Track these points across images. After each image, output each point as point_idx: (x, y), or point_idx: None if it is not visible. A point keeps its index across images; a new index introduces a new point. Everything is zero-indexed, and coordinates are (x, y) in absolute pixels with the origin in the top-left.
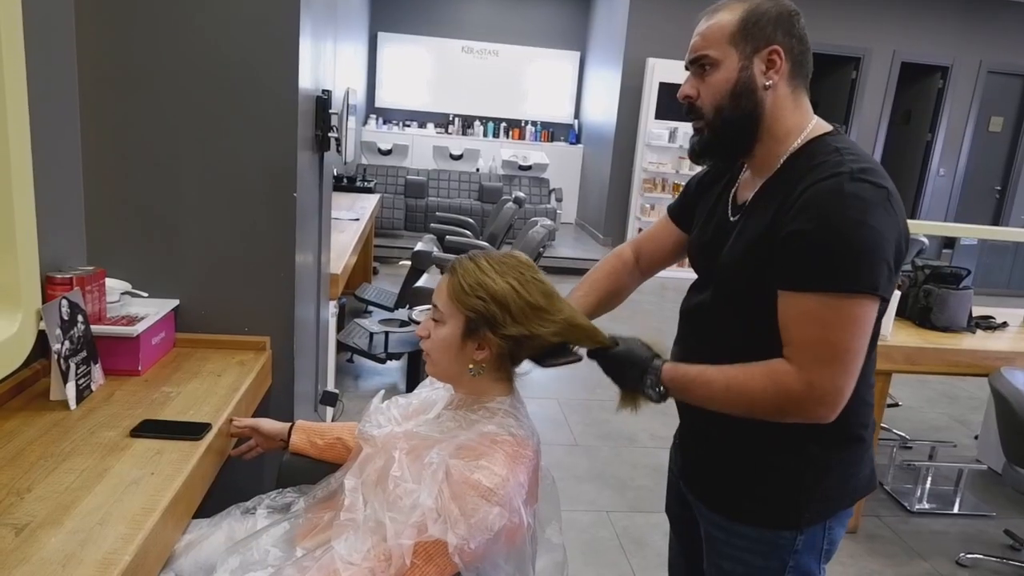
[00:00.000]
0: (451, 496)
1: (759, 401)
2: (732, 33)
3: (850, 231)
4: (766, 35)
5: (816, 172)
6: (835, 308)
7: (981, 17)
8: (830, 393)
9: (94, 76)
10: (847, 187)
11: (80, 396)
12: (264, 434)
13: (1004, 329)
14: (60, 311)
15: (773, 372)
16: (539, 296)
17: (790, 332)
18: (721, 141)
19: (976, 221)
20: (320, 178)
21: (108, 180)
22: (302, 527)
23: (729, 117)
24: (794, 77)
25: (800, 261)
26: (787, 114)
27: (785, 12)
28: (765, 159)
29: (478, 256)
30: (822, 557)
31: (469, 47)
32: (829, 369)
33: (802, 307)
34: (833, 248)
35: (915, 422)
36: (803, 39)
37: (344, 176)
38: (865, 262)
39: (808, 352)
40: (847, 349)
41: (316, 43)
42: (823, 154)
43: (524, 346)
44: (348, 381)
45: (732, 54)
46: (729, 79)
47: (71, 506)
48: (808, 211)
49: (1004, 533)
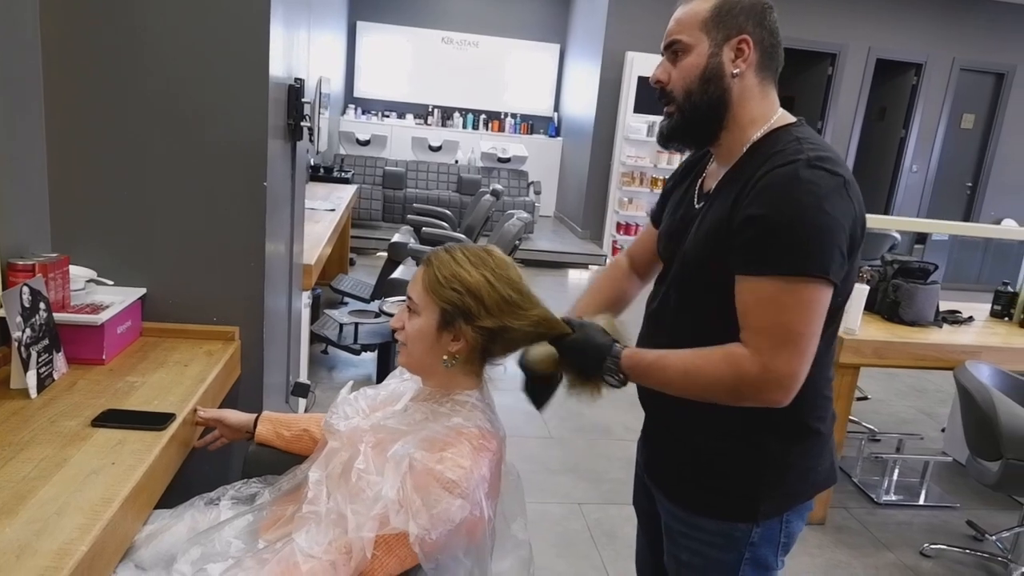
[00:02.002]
0: (414, 487)
1: (716, 385)
2: (705, 20)
3: (804, 216)
4: (737, 24)
5: (774, 159)
6: (788, 291)
7: (954, 15)
8: (786, 376)
9: (59, 60)
10: (802, 173)
11: (41, 385)
12: (229, 425)
13: (970, 323)
14: (21, 298)
15: (730, 356)
16: (512, 290)
17: (746, 316)
18: (688, 125)
19: (948, 217)
20: (292, 167)
21: (73, 165)
22: (266, 519)
23: (697, 101)
24: (763, 68)
25: (755, 246)
26: (753, 104)
27: (758, 4)
28: (730, 148)
29: (454, 248)
30: (780, 550)
31: (449, 38)
32: (784, 352)
33: (757, 291)
34: (787, 232)
35: (884, 415)
36: (774, 32)
37: (321, 166)
38: (817, 246)
39: (763, 336)
40: (800, 333)
41: (288, 31)
42: (783, 143)
43: (498, 340)
44: (322, 372)
45: (703, 40)
46: (699, 64)
47: (27, 496)
48: (763, 196)
49: (967, 524)
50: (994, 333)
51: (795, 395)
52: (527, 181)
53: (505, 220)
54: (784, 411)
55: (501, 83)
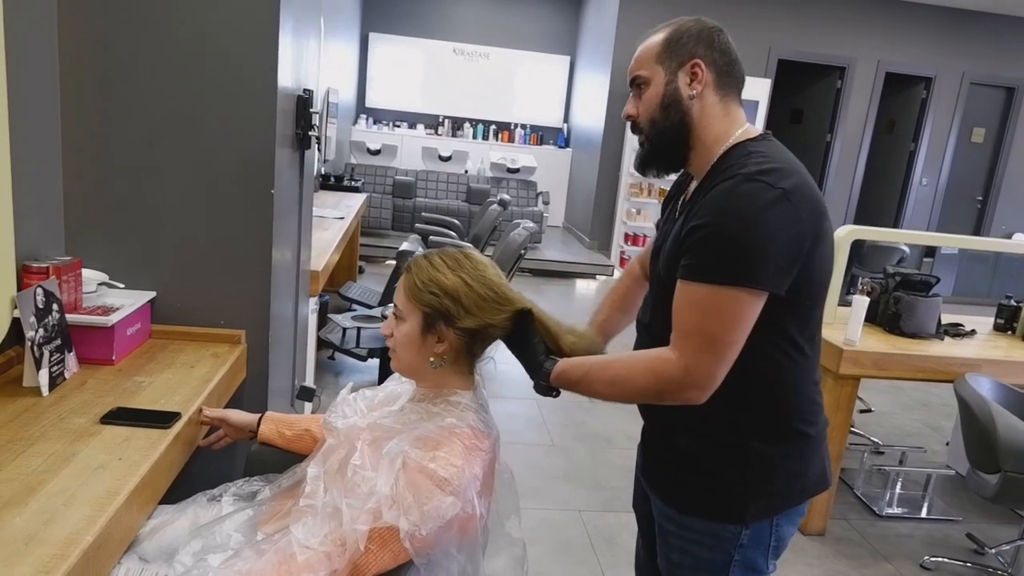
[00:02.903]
0: (407, 484)
1: (640, 392)
2: (658, 53)
3: (734, 227)
4: (688, 50)
5: (728, 172)
6: (714, 298)
7: (964, 29)
8: (704, 378)
9: (75, 68)
10: (740, 187)
11: (53, 383)
12: (233, 424)
13: (972, 336)
14: (35, 299)
15: (654, 361)
16: (489, 290)
17: (677, 319)
18: (657, 151)
19: (957, 231)
20: (300, 176)
21: (87, 171)
22: (265, 514)
23: (661, 128)
24: (721, 87)
25: (691, 253)
26: (715, 122)
27: (706, 29)
28: (700, 165)
29: (431, 254)
30: (770, 553)
31: (460, 49)
32: (704, 356)
33: (687, 296)
34: (717, 243)
35: (888, 427)
36: (726, 51)
37: (332, 175)
38: (745, 257)
39: (688, 339)
40: (721, 339)
41: (298, 42)
42: (735, 158)
43: (479, 338)
44: (328, 378)
45: (659, 71)
46: (658, 93)
47: (37, 488)
48: (703, 209)
49: (967, 537)
50: (995, 346)
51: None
52: (536, 191)
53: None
54: (772, 414)
55: (511, 94)
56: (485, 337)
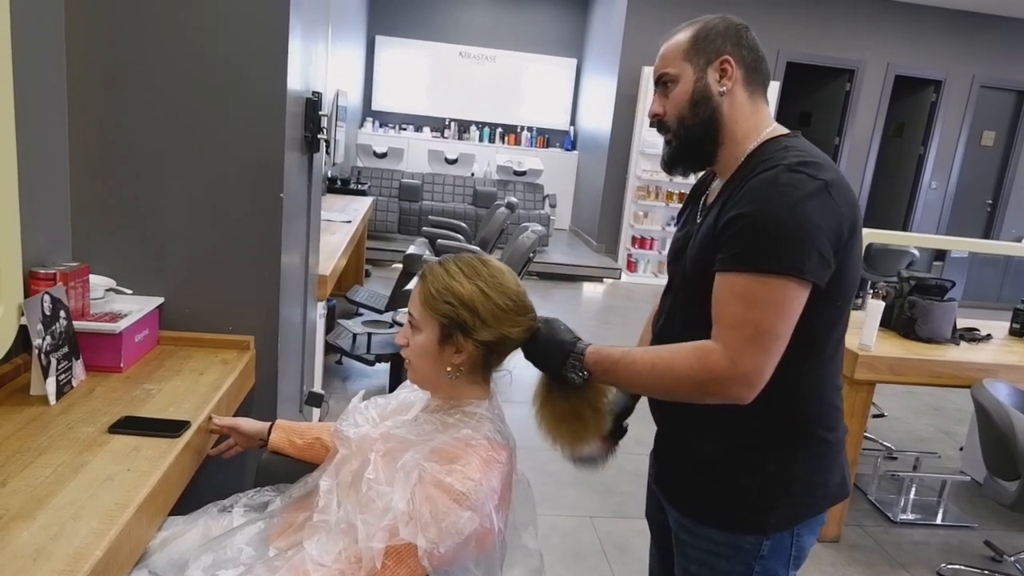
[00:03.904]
0: (423, 499)
1: (683, 380)
2: (686, 50)
3: (778, 216)
4: (716, 47)
5: (762, 165)
6: (759, 287)
7: (974, 32)
8: (751, 373)
9: (82, 72)
10: (781, 177)
11: (60, 391)
12: (243, 433)
13: (988, 341)
14: (42, 306)
15: (699, 350)
16: (507, 299)
17: (719, 311)
18: (687, 148)
19: (967, 234)
20: (309, 179)
21: (95, 177)
22: (276, 527)
23: (691, 125)
24: (750, 83)
25: (732, 243)
26: (745, 117)
27: (733, 26)
28: (727, 162)
29: (447, 261)
30: (791, 564)
31: (466, 52)
32: (750, 348)
33: (730, 286)
34: (761, 230)
35: (901, 433)
36: (754, 48)
37: (338, 178)
38: (790, 246)
39: (734, 331)
40: (768, 330)
41: (306, 45)
42: (771, 152)
43: (496, 349)
44: (336, 383)
45: (688, 68)
46: (687, 91)
47: (45, 500)
48: (744, 198)
49: (985, 544)
50: (1012, 351)
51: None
52: (543, 194)
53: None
54: (794, 420)
55: (518, 97)
56: (503, 348)
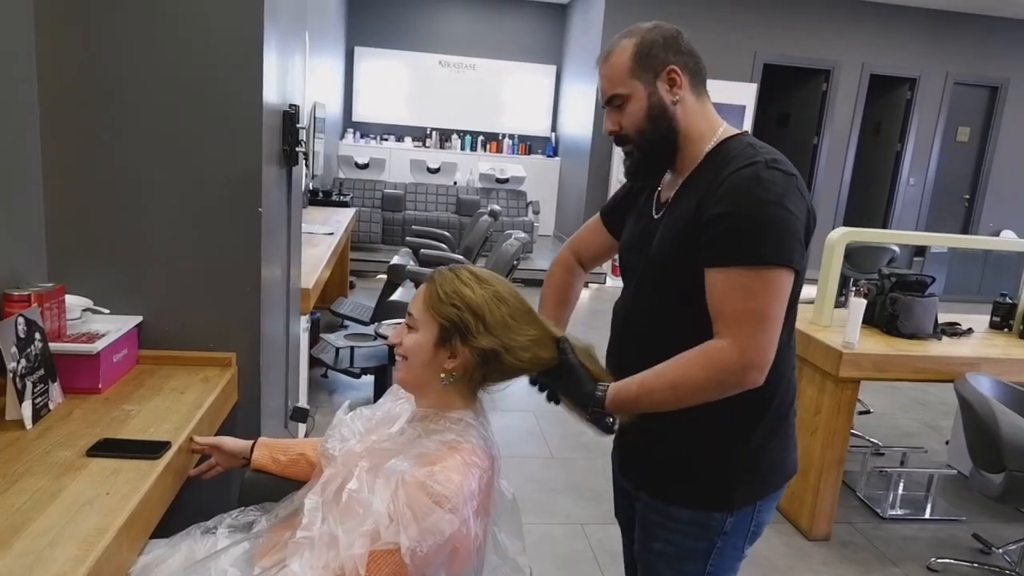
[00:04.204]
0: (405, 500)
1: (703, 386)
2: (631, 68)
3: (767, 211)
4: (661, 59)
5: (735, 162)
6: (756, 279)
7: (947, 30)
8: (760, 357)
9: (55, 89)
10: (763, 174)
11: (37, 415)
12: (226, 452)
13: (969, 335)
14: (16, 329)
15: (708, 354)
16: (514, 316)
17: (719, 306)
18: (649, 159)
19: (946, 229)
20: (288, 192)
21: (70, 195)
22: (261, 546)
23: (651, 138)
24: (695, 86)
25: (726, 240)
26: (698, 119)
27: (670, 34)
28: (685, 161)
29: (459, 268)
30: (748, 539)
31: (446, 61)
32: (757, 335)
33: (729, 281)
34: (754, 226)
35: (887, 428)
36: (691, 52)
37: (320, 190)
38: (780, 238)
39: (737, 322)
40: (768, 316)
41: (282, 58)
42: (737, 149)
43: (492, 363)
44: (322, 396)
45: (638, 86)
46: (643, 107)
47: (21, 528)
48: (729, 196)
49: (973, 537)
50: (993, 345)
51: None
52: (526, 201)
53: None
54: (763, 400)
55: (498, 105)
56: (499, 364)
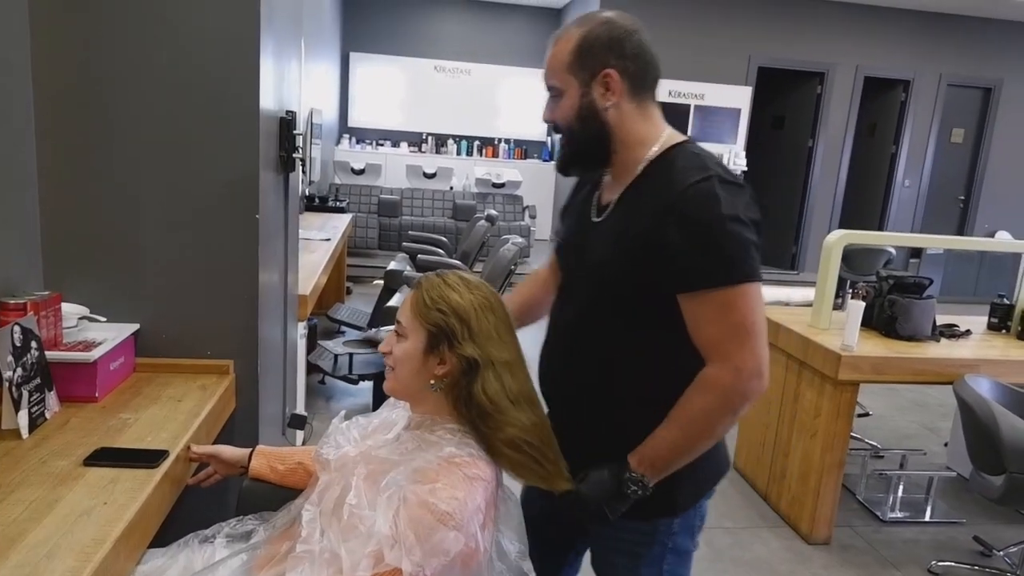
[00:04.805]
0: (407, 521)
1: (714, 418)
2: (569, 63)
3: (730, 228)
4: (599, 60)
5: (686, 175)
6: (735, 297)
7: (940, 32)
8: (757, 366)
9: (51, 96)
10: (719, 191)
11: (33, 424)
12: (224, 460)
13: (968, 337)
14: (12, 337)
15: (706, 386)
16: (500, 327)
17: (701, 334)
18: (579, 156)
19: (941, 230)
20: (285, 198)
21: (66, 202)
22: (259, 558)
23: (581, 137)
24: (636, 93)
25: (695, 264)
26: (637, 126)
27: (616, 35)
28: (624, 165)
29: (446, 273)
30: (695, 533)
31: (441, 66)
32: (746, 346)
33: (705, 305)
34: (720, 247)
35: (886, 431)
36: (639, 55)
37: (316, 196)
38: (747, 255)
39: (723, 343)
40: (750, 327)
41: (279, 64)
42: (684, 159)
43: (475, 376)
44: (320, 403)
45: (572, 82)
46: (574, 105)
47: (17, 539)
48: (687, 211)
49: (974, 540)
50: (992, 346)
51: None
52: (522, 206)
53: (500, 246)
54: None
55: (494, 109)
56: (484, 382)
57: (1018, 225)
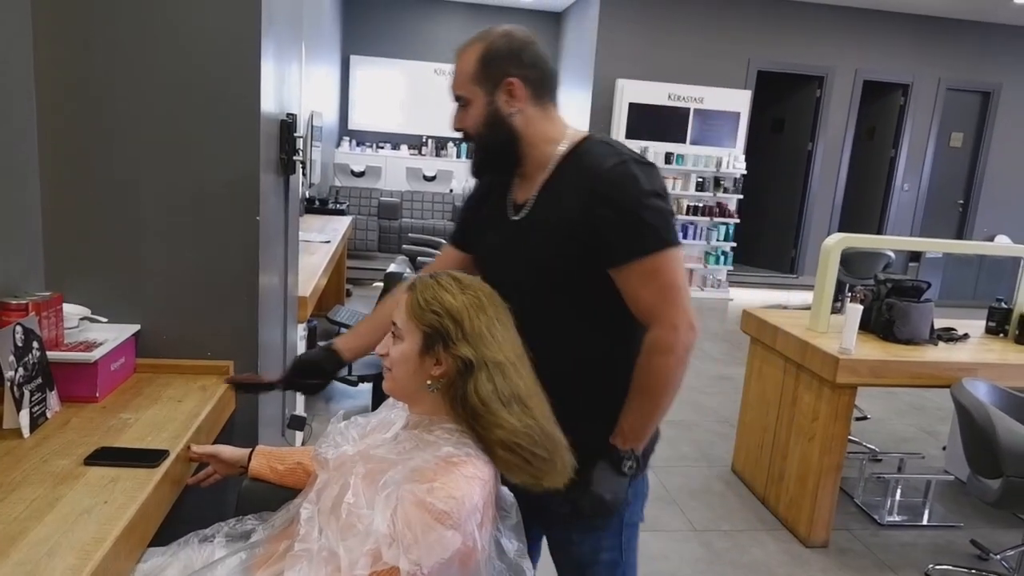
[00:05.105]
0: (405, 520)
1: (668, 375)
2: (473, 74)
3: (651, 202)
4: (501, 70)
5: (603, 161)
6: (663, 262)
7: (938, 36)
8: (689, 319)
9: (52, 98)
10: (634, 170)
11: (34, 424)
12: (223, 460)
13: (966, 340)
14: (14, 337)
15: (653, 348)
16: (491, 326)
17: (638, 301)
18: (490, 160)
19: (940, 234)
20: (285, 201)
21: (67, 203)
22: (258, 557)
23: (489, 143)
24: (538, 98)
25: (627, 238)
26: (543, 127)
27: (515, 47)
28: (537, 163)
29: (441, 274)
30: (644, 503)
31: (441, 69)
32: (679, 304)
33: (637, 273)
34: (645, 220)
35: (884, 434)
36: (536, 64)
37: (316, 198)
38: (668, 223)
39: (658, 306)
40: (678, 285)
41: (279, 67)
42: (596, 148)
43: (470, 376)
44: (319, 404)
45: (478, 92)
46: (480, 113)
47: (18, 537)
48: (610, 193)
49: (971, 543)
50: (990, 350)
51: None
52: None
53: None
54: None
55: None
56: (479, 384)
57: (1017, 229)
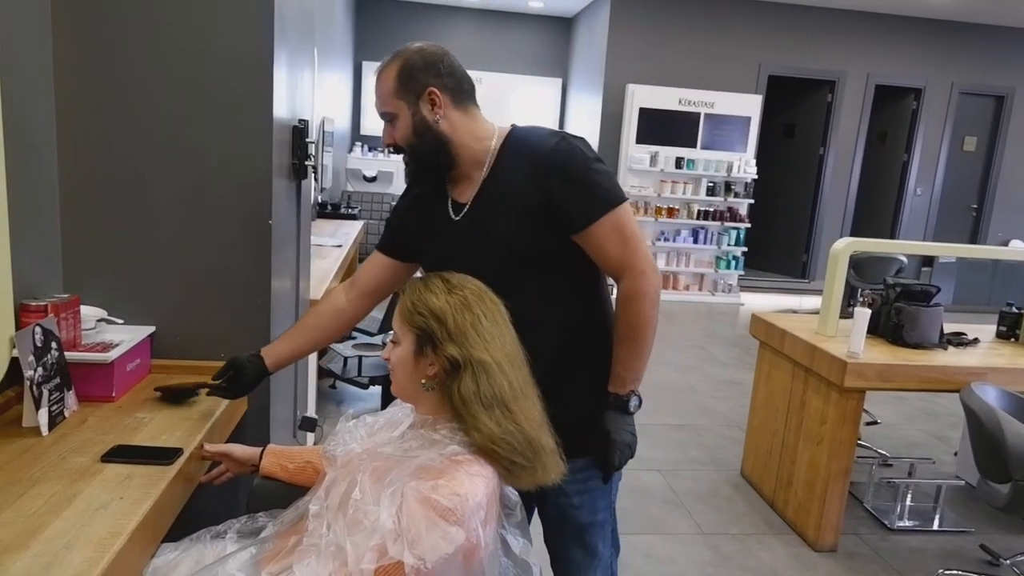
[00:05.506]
0: (410, 516)
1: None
2: (395, 89)
3: (595, 166)
4: (421, 82)
5: (543, 142)
6: (618, 216)
7: (951, 40)
8: (651, 262)
9: (71, 106)
10: (572, 142)
11: (53, 422)
12: (235, 459)
13: (976, 345)
14: (33, 338)
15: (628, 297)
16: (476, 323)
17: (605, 256)
18: (425, 167)
19: (953, 239)
20: (297, 205)
21: (85, 207)
22: (268, 552)
23: (421, 151)
24: (459, 103)
25: (582, 204)
26: (470, 128)
27: (430, 59)
28: (472, 162)
29: (432, 276)
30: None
31: None
32: (639, 251)
33: (600, 233)
34: (594, 183)
35: (895, 439)
36: (451, 73)
37: (328, 203)
38: (612, 181)
39: (623, 256)
40: (636, 234)
41: (292, 73)
42: (529, 134)
43: (456, 376)
44: (330, 407)
45: (402, 105)
46: (408, 124)
47: (37, 531)
48: (556, 171)
49: (981, 548)
50: (999, 354)
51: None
52: None
53: None
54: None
55: (506, 117)
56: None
57: None
